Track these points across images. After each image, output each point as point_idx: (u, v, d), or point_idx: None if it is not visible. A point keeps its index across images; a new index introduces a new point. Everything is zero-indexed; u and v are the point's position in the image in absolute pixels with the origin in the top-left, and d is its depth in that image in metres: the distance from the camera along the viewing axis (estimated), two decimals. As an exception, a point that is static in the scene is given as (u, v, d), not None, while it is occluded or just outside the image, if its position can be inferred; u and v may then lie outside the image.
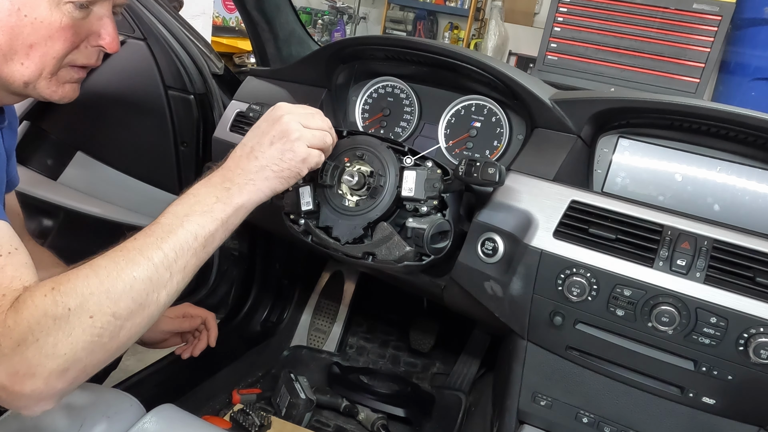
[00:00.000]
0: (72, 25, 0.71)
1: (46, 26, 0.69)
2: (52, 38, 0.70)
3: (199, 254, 0.69)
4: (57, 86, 0.75)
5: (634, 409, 0.92)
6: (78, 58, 0.75)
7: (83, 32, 0.73)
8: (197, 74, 1.39)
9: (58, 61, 0.72)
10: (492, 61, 1.05)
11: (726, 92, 3.10)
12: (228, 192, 0.72)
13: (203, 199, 0.71)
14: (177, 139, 1.43)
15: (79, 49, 0.74)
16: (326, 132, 0.80)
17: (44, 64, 0.71)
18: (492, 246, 0.93)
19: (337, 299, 1.79)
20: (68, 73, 0.75)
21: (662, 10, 2.79)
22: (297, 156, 0.75)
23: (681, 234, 0.83)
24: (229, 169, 0.74)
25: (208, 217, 0.69)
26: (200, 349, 1.14)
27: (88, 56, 0.76)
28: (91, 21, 0.74)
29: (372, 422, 1.38)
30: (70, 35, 0.71)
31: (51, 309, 0.57)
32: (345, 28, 4.93)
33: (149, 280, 0.62)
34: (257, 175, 0.74)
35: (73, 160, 1.54)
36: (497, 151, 1.12)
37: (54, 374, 0.57)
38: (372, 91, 1.27)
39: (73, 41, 0.72)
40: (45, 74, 0.72)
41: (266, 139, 0.75)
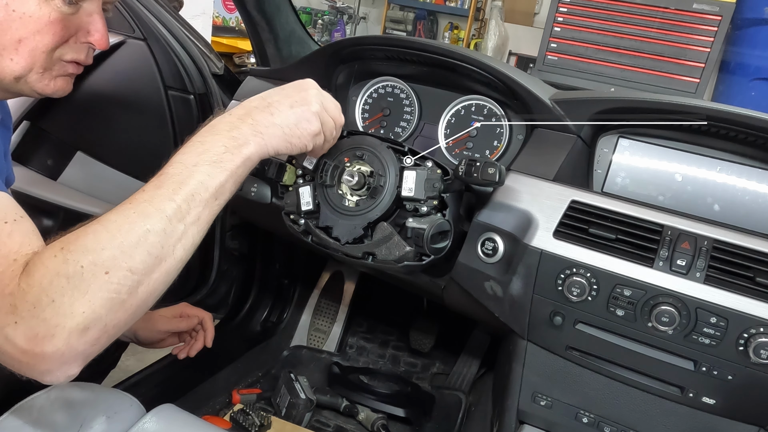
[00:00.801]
0: (61, 19, 0.70)
1: (34, 21, 0.69)
2: (40, 32, 0.70)
3: (212, 205, 0.66)
4: (49, 80, 0.74)
5: (634, 409, 0.92)
6: (67, 53, 0.74)
7: (72, 27, 0.73)
8: (197, 74, 1.39)
9: (48, 55, 0.72)
10: (492, 61, 1.05)
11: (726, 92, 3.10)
12: (236, 141, 0.69)
13: (211, 147, 0.68)
14: (177, 139, 1.43)
15: (68, 44, 0.74)
16: (338, 124, 0.82)
17: (34, 58, 0.71)
18: (492, 246, 0.93)
19: (337, 299, 1.79)
20: (61, 67, 0.75)
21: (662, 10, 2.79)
22: (311, 128, 0.75)
23: (681, 234, 0.83)
24: (239, 117, 0.72)
25: (217, 167, 0.66)
26: (197, 349, 1.14)
27: (77, 52, 0.76)
28: (81, 17, 0.74)
29: (372, 422, 1.38)
30: (59, 30, 0.71)
31: (62, 268, 0.55)
32: (345, 28, 4.93)
33: (163, 232, 0.60)
34: (267, 130, 0.71)
35: (73, 160, 1.54)
36: (497, 151, 1.12)
37: (75, 333, 0.55)
38: (372, 91, 1.27)
39: (62, 35, 0.72)
40: (36, 68, 0.72)
41: (288, 102, 0.74)
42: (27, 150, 1.55)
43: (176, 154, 0.68)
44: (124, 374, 1.33)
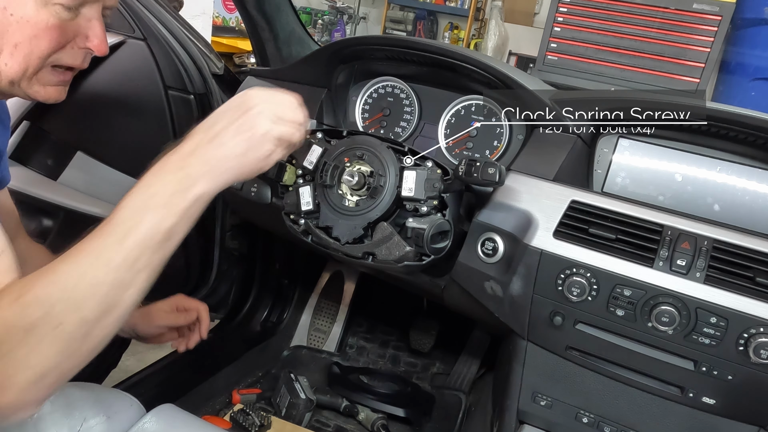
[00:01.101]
0: (59, 25, 0.69)
1: (32, 25, 0.68)
2: (37, 37, 0.69)
3: (163, 248, 0.64)
4: (41, 87, 0.74)
5: (634, 409, 0.92)
6: (63, 58, 0.73)
7: (70, 33, 0.72)
8: (197, 74, 1.39)
9: (43, 60, 0.71)
10: (492, 61, 1.05)
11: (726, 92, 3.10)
12: (185, 182, 0.66)
13: (160, 189, 0.64)
14: (177, 139, 1.42)
15: (65, 50, 0.73)
16: (298, 127, 0.73)
17: (28, 63, 0.70)
18: (492, 246, 0.93)
19: (337, 299, 1.79)
20: (51, 75, 0.74)
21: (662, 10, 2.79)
22: (262, 152, 0.70)
23: (681, 234, 0.83)
24: (187, 154, 0.68)
25: (167, 210, 0.63)
26: (195, 341, 1.11)
27: (74, 57, 0.75)
28: (79, 22, 0.73)
29: (372, 422, 1.38)
30: (57, 35, 0.70)
31: (18, 321, 0.55)
32: (345, 28, 4.93)
33: (113, 282, 0.59)
34: (218, 164, 0.68)
35: (73, 160, 1.54)
36: (497, 151, 1.12)
37: (30, 384, 0.56)
38: (372, 91, 1.27)
39: (59, 41, 0.71)
40: (29, 73, 0.71)
41: (233, 128, 0.69)
42: (27, 150, 1.55)
43: (125, 197, 0.64)
44: (124, 374, 1.33)
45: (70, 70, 0.76)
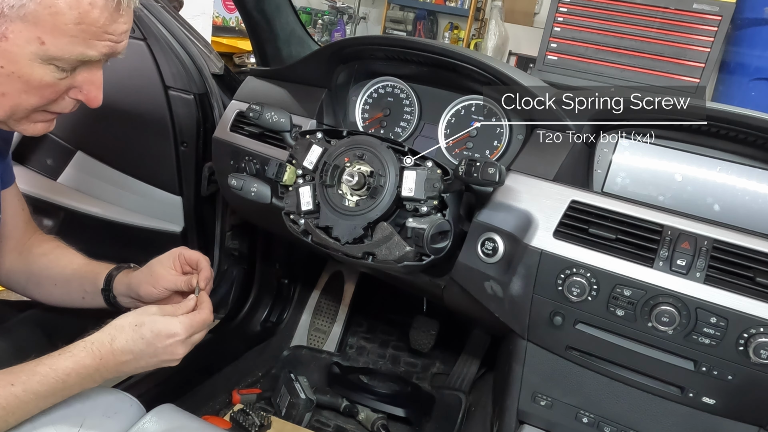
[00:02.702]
0: (52, 84, 0.69)
1: (23, 82, 0.67)
2: (27, 93, 0.68)
3: None
4: (29, 124, 0.74)
5: (634, 409, 0.92)
6: (53, 107, 0.73)
7: (63, 88, 0.71)
8: (197, 74, 1.39)
9: (30, 111, 0.71)
10: (492, 61, 1.05)
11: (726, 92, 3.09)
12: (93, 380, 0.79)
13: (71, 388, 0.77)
14: (177, 139, 1.43)
15: (56, 101, 0.73)
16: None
17: (14, 111, 0.70)
18: (492, 246, 0.93)
19: (337, 299, 1.79)
20: (41, 115, 0.74)
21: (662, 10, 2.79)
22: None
23: (681, 234, 0.83)
24: (106, 367, 0.79)
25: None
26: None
27: (64, 106, 0.74)
28: (74, 78, 0.72)
29: (372, 422, 1.38)
30: (48, 93, 0.70)
31: None
32: (345, 28, 4.93)
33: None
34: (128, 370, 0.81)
35: (73, 160, 1.54)
36: (497, 151, 1.12)
37: None
38: (372, 91, 1.27)
39: (49, 98, 0.71)
40: (15, 117, 0.72)
41: (152, 362, 0.82)
42: (27, 150, 1.55)
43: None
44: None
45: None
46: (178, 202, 1.50)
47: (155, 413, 0.89)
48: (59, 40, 0.66)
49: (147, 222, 1.52)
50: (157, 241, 1.53)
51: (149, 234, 1.52)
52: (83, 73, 0.72)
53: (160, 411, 0.89)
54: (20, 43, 0.65)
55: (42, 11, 0.64)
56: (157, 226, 1.52)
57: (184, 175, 1.46)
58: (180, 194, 1.49)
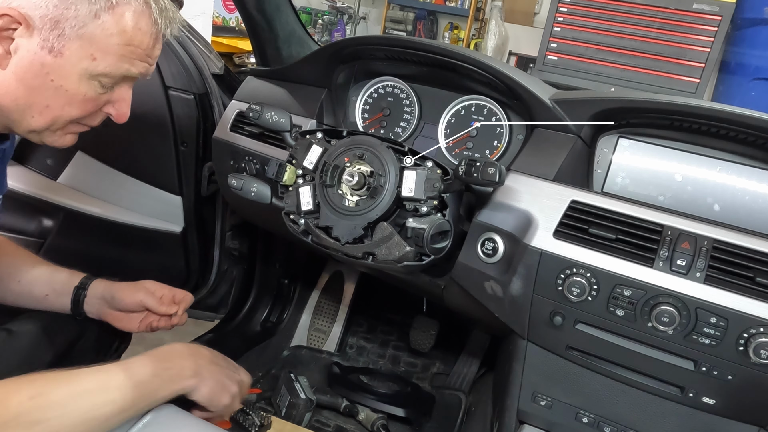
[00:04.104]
0: (94, 98, 0.76)
1: (69, 96, 0.74)
2: (70, 105, 0.75)
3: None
4: (61, 136, 0.80)
5: (634, 409, 0.92)
6: (87, 120, 0.80)
7: (102, 103, 0.79)
8: (197, 74, 1.39)
9: (67, 123, 0.78)
10: (492, 61, 1.05)
11: (726, 92, 3.09)
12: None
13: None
14: (177, 139, 1.43)
15: (92, 115, 0.80)
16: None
17: (54, 122, 0.76)
18: (492, 246, 0.93)
19: (337, 299, 1.79)
20: (73, 127, 0.80)
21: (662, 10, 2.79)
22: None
23: (681, 234, 0.83)
24: None
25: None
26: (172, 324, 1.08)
27: (95, 119, 0.82)
28: (112, 94, 0.79)
29: (372, 422, 1.38)
30: (89, 107, 0.77)
31: (27, 415, 0.66)
32: (345, 28, 4.93)
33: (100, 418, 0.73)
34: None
35: (73, 160, 1.54)
36: (497, 151, 1.12)
37: None
38: (372, 91, 1.27)
39: (89, 111, 0.78)
40: (52, 128, 0.77)
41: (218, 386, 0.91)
42: (27, 150, 1.55)
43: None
44: (124, 374, 1.32)
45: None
46: (178, 202, 1.50)
47: (155, 413, 0.89)
48: (109, 58, 0.73)
49: (147, 222, 1.52)
50: (157, 241, 1.53)
51: (149, 234, 1.52)
52: (119, 90, 0.80)
53: (160, 411, 0.89)
54: (73, 60, 0.71)
55: (99, 32, 0.71)
56: (157, 226, 1.52)
57: (184, 175, 1.46)
58: (180, 194, 1.49)
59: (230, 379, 0.95)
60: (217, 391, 0.91)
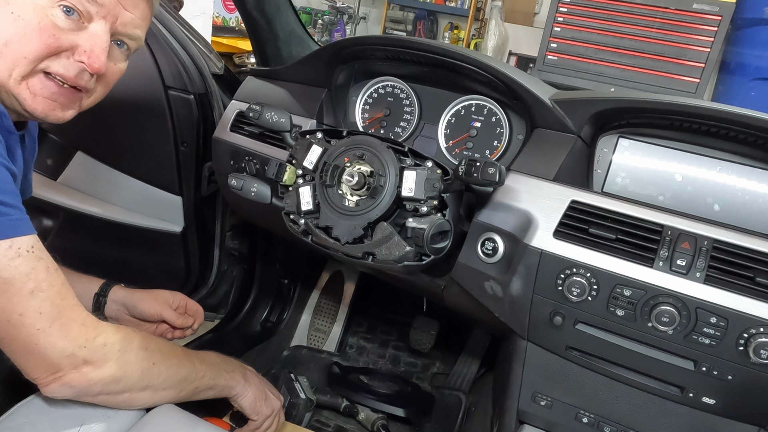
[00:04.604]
0: (52, 27, 0.70)
1: (25, 24, 0.69)
2: (26, 36, 0.69)
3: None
4: (30, 94, 0.73)
5: (634, 409, 0.92)
6: (53, 65, 0.73)
7: (66, 42, 0.72)
8: (197, 74, 1.39)
9: (31, 63, 0.71)
10: (492, 61, 1.05)
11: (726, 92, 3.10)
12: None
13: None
14: (177, 139, 1.43)
15: (58, 58, 0.73)
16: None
17: (15, 63, 0.70)
18: (492, 246, 0.93)
19: (337, 299, 1.79)
20: (43, 84, 0.74)
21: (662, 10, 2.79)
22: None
23: (681, 234, 0.83)
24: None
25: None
26: (184, 335, 1.17)
27: (66, 68, 0.74)
28: (80, 35, 0.73)
29: (372, 422, 1.38)
30: (47, 38, 0.70)
31: (140, 362, 0.82)
32: (345, 28, 4.93)
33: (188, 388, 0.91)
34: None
35: (73, 160, 1.54)
36: (497, 151, 1.12)
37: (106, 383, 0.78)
38: (372, 91, 1.27)
39: (48, 45, 0.71)
40: (16, 75, 0.71)
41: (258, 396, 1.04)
42: (27, 150, 1.55)
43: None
44: (124, 374, 1.33)
45: (65, 85, 0.75)
46: (178, 202, 1.50)
47: (155, 414, 0.89)
48: None
49: (147, 222, 1.52)
50: (157, 241, 1.53)
51: (149, 234, 1.52)
52: (92, 30, 0.74)
53: (160, 411, 0.89)
54: None
55: None
56: (157, 226, 1.52)
57: (184, 175, 1.46)
58: (180, 194, 1.49)
59: (274, 392, 1.06)
60: (260, 401, 1.01)
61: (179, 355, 0.88)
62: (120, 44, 0.81)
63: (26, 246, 0.68)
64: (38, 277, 0.69)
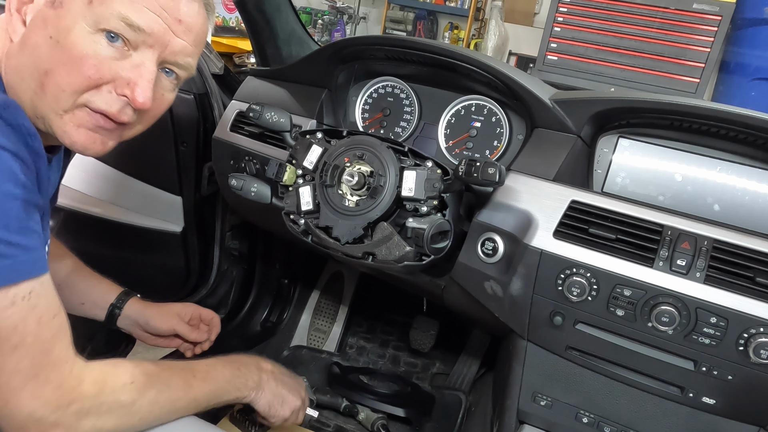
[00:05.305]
0: (93, 56, 0.64)
1: (66, 53, 0.63)
2: (68, 67, 0.63)
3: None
4: (73, 127, 0.67)
5: (634, 409, 0.92)
6: (95, 100, 0.67)
7: (108, 72, 0.66)
8: (197, 74, 1.39)
9: (70, 95, 0.65)
10: (492, 61, 1.05)
11: (726, 92, 3.09)
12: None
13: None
14: (177, 139, 1.43)
15: (99, 91, 0.66)
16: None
17: (56, 96, 0.65)
18: (492, 246, 0.93)
19: (337, 299, 1.79)
20: (88, 116, 0.68)
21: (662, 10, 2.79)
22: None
23: (681, 234, 0.83)
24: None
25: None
26: (203, 349, 1.17)
27: (107, 102, 0.67)
28: (124, 65, 0.66)
29: (372, 422, 1.38)
30: (87, 69, 0.64)
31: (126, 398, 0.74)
32: (345, 28, 4.93)
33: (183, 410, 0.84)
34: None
35: (73, 160, 1.53)
36: (497, 151, 1.12)
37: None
38: (372, 91, 1.27)
39: (89, 77, 0.64)
40: (57, 109, 0.66)
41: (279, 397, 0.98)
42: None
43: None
44: (124, 374, 1.32)
45: (109, 120, 0.69)
46: (178, 202, 1.50)
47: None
48: (107, 1, 0.62)
49: (147, 222, 1.52)
50: (157, 241, 1.53)
51: (149, 234, 1.52)
52: (137, 59, 0.67)
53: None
54: (73, 9, 0.62)
55: None
56: (157, 226, 1.52)
57: (184, 175, 1.46)
58: (180, 194, 1.49)
59: (293, 393, 1.01)
60: (276, 404, 0.97)
61: (175, 386, 0.79)
62: (168, 72, 0.74)
63: (23, 293, 0.61)
64: (26, 330, 0.61)
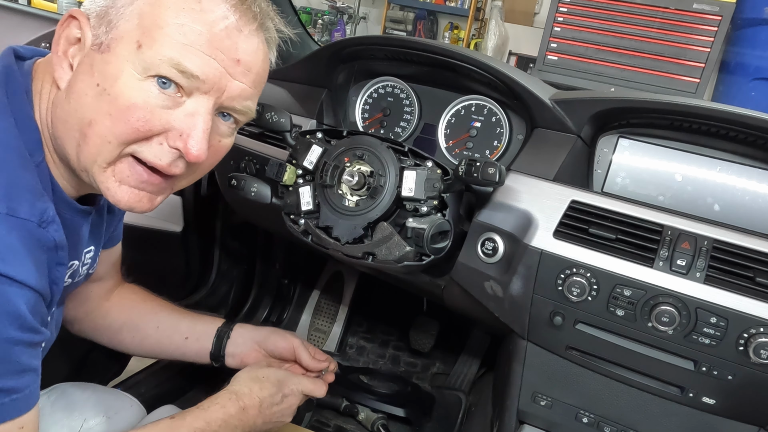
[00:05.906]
0: (142, 106, 0.57)
1: (110, 100, 0.57)
2: (112, 117, 0.57)
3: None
4: (115, 183, 0.61)
5: (634, 409, 0.92)
6: (143, 151, 0.60)
7: (159, 123, 0.59)
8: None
9: (116, 147, 0.59)
10: (492, 61, 1.05)
11: (726, 92, 3.10)
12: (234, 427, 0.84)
13: None
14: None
15: (149, 142, 0.60)
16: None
17: (100, 148, 0.58)
18: (492, 246, 0.93)
19: (337, 299, 1.79)
20: (131, 170, 0.61)
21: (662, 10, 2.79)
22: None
23: (681, 234, 0.83)
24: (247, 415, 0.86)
25: None
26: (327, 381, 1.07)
27: (157, 155, 0.60)
28: (176, 114, 0.59)
29: (372, 422, 1.38)
30: (135, 120, 0.57)
31: None
32: (345, 28, 4.93)
33: None
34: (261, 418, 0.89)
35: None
36: (497, 151, 1.12)
37: None
38: (372, 91, 1.27)
39: (137, 129, 0.58)
40: (101, 161, 0.59)
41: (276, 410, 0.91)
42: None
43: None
44: (124, 374, 1.33)
45: (156, 173, 0.62)
46: (178, 202, 1.50)
47: (156, 414, 0.89)
48: (156, 45, 0.56)
49: (147, 222, 1.52)
50: (157, 241, 1.53)
51: (149, 234, 1.52)
52: (190, 108, 0.60)
53: (161, 412, 0.89)
54: (121, 54, 0.57)
55: (148, 10, 0.56)
56: (157, 226, 1.52)
57: (184, 175, 1.46)
58: (180, 194, 1.49)
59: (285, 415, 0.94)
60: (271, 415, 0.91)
61: None
62: (226, 117, 0.67)
63: (14, 429, 0.56)
64: None
